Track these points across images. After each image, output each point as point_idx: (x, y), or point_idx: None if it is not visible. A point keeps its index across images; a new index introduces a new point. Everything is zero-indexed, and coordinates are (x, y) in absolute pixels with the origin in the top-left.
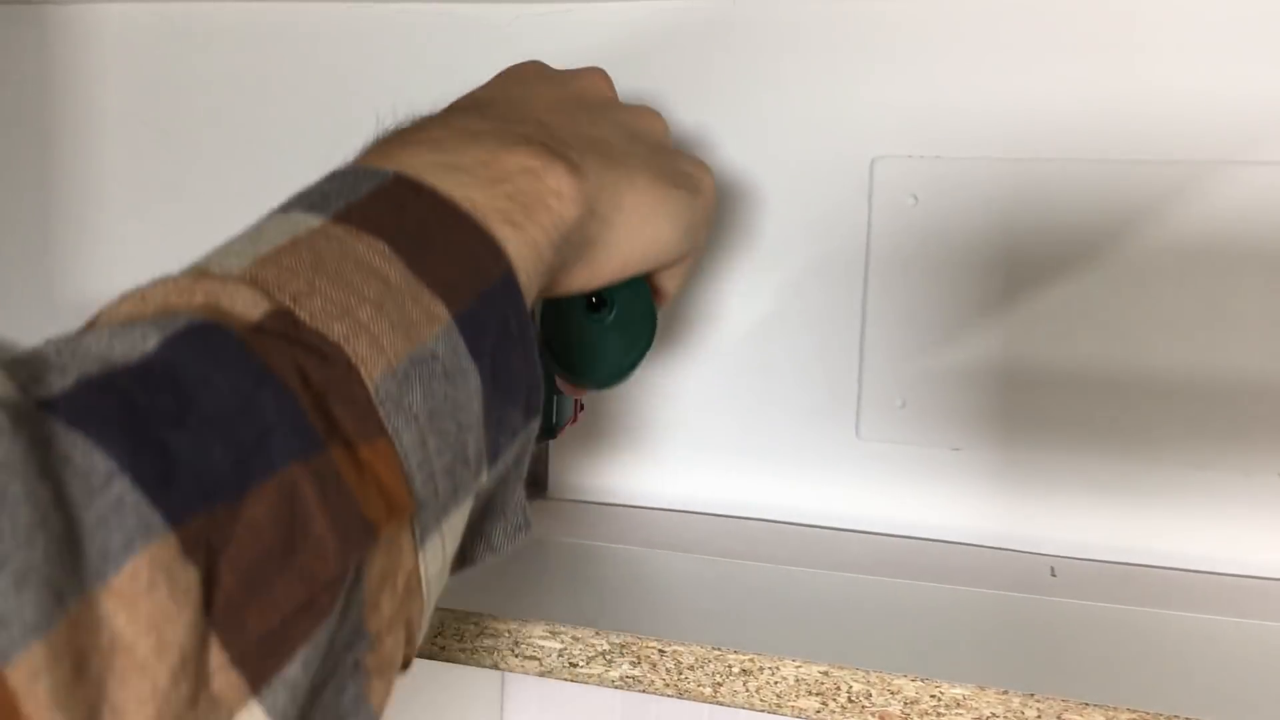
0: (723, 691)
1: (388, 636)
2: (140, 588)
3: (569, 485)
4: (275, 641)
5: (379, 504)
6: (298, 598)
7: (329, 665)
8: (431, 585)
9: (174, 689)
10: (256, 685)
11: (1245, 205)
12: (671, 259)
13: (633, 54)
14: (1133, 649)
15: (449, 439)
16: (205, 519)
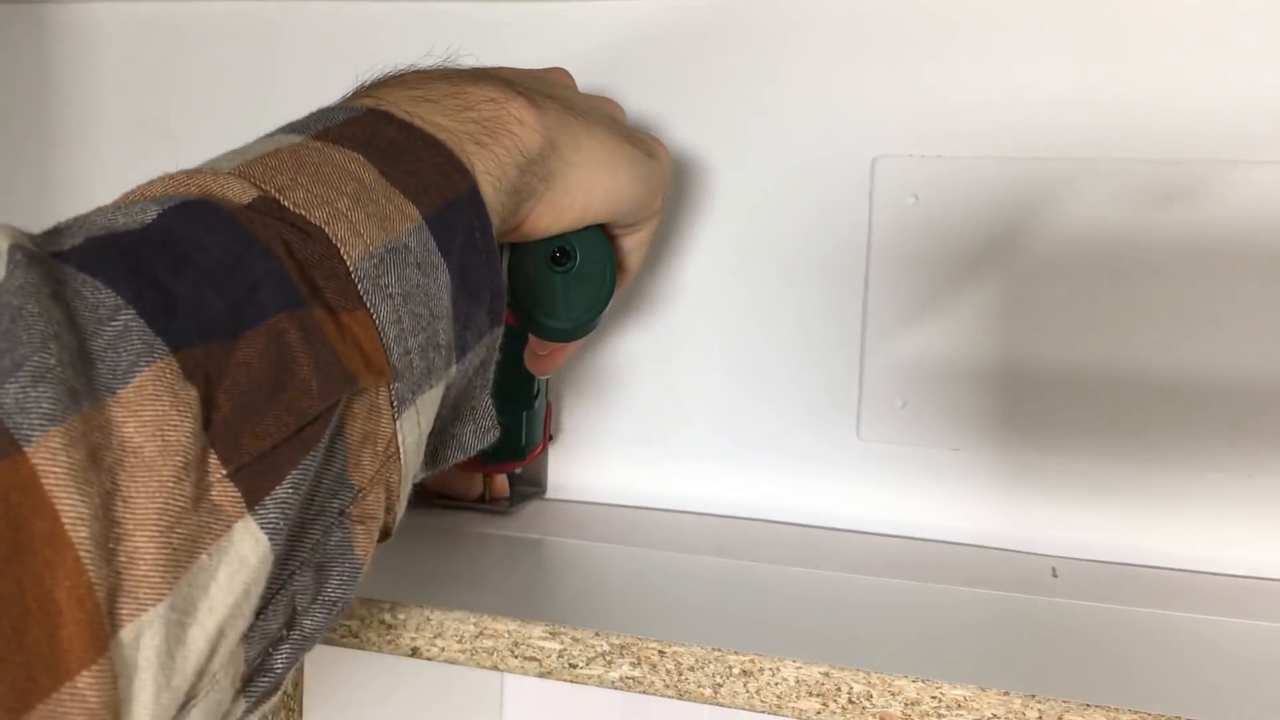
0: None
1: (370, 494)
2: (146, 399)
3: (569, 485)
4: (268, 464)
5: (358, 360)
6: (286, 428)
7: (317, 504)
8: (409, 456)
9: (178, 486)
10: (252, 501)
11: (1245, 205)
12: (631, 211)
13: (632, 54)
14: (1134, 650)
15: (422, 321)
16: (202, 351)
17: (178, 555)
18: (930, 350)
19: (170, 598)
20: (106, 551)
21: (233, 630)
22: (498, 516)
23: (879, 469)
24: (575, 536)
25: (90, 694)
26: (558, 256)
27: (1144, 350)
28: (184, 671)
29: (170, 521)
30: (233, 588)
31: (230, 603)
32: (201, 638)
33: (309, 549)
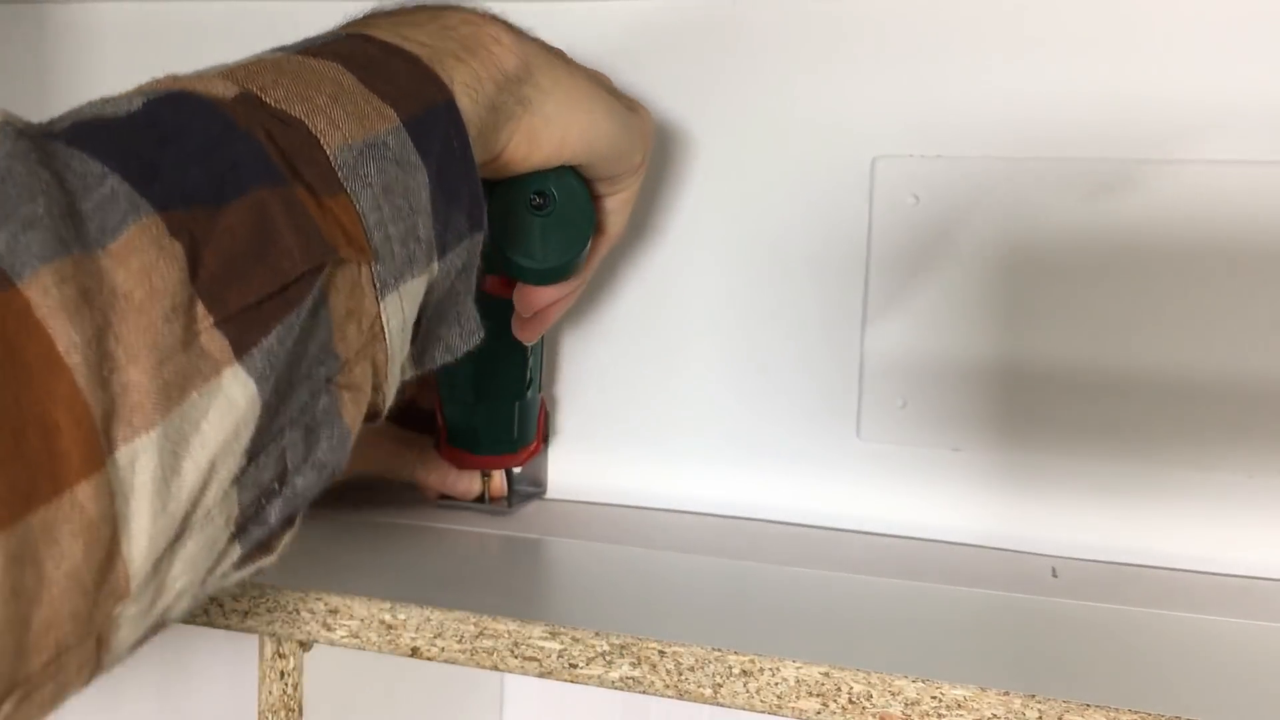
0: (723, 692)
1: (356, 366)
2: (133, 251)
3: (569, 485)
4: (253, 317)
5: (338, 234)
6: (270, 286)
7: (304, 368)
8: (394, 339)
9: (167, 326)
10: (240, 350)
11: (1245, 205)
12: (609, 156)
13: (632, 53)
14: (1134, 650)
15: (402, 213)
16: (186, 214)
17: (169, 389)
18: (930, 350)
19: (162, 426)
20: (100, 378)
21: (224, 467)
22: (498, 516)
23: (879, 469)
24: (575, 536)
25: (89, 504)
26: (536, 200)
27: (1144, 350)
28: (178, 499)
29: (160, 357)
30: (223, 426)
31: (220, 439)
32: (194, 470)
33: (298, 409)
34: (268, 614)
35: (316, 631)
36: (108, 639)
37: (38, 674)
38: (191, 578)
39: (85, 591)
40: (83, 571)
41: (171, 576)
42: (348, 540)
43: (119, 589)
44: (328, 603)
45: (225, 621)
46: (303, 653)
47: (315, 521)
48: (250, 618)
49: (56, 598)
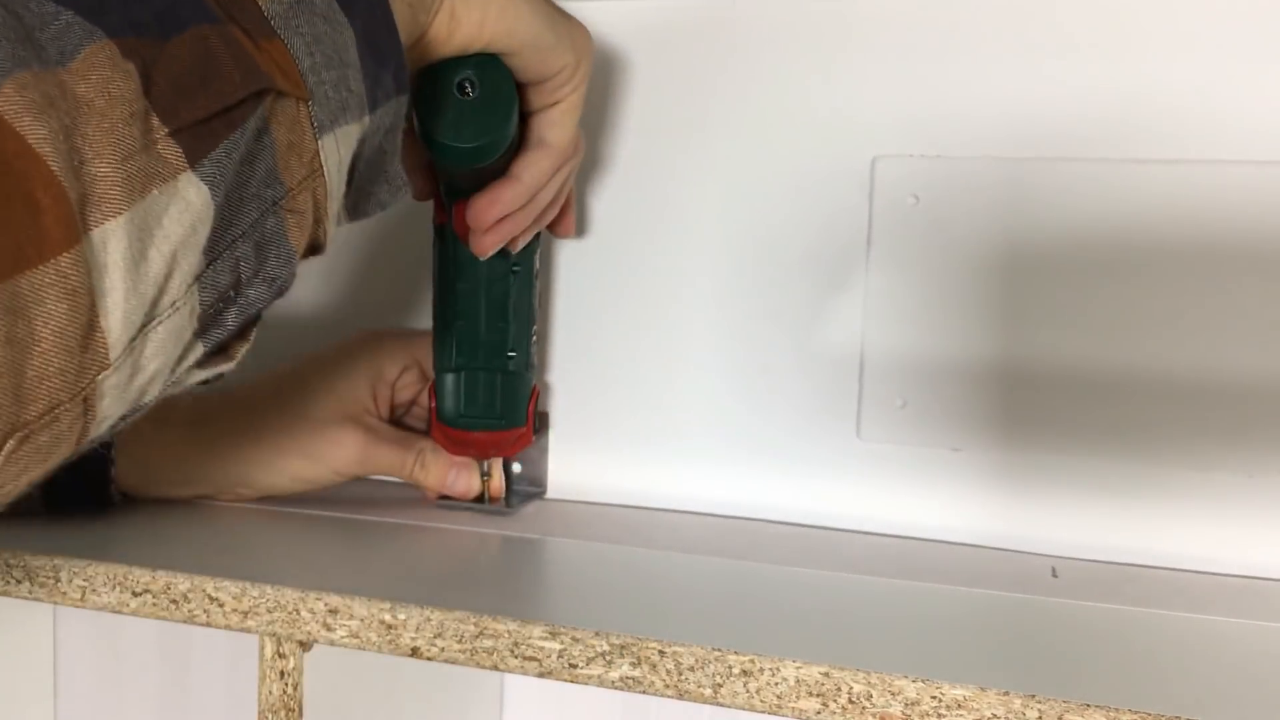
0: (723, 692)
1: (299, 195)
2: (92, 67)
3: (569, 485)
4: (203, 131)
5: (274, 69)
6: (215, 105)
7: (253, 188)
8: (332, 177)
9: (127, 128)
10: (193, 159)
11: (1245, 205)
12: (533, 46)
13: (633, 54)
14: (1134, 649)
15: (333, 62)
16: (136, 42)
17: (133, 183)
18: (930, 350)
19: (129, 214)
20: (72, 168)
21: (185, 261)
22: (498, 516)
23: (879, 469)
24: (575, 536)
25: (71, 273)
26: (462, 85)
27: (1144, 350)
28: (146, 282)
29: (123, 154)
30: (182, 221)
31: (180, 234)
32: (159, 258)
33: (248, 224)
34: (268, 614)
35: (316, 631)
36: (94, 404)
37: (34, 422)
38: (163, 362)
39: (70, 351)
40: (68, 332)
41: (145, 357)
42: (348, 540)
43: (100, 356)
44: (328, 602)
45: (225, 621)
46: (303, 652)
47: (315, 521)
48: (250, 617)
49: (47, 352)
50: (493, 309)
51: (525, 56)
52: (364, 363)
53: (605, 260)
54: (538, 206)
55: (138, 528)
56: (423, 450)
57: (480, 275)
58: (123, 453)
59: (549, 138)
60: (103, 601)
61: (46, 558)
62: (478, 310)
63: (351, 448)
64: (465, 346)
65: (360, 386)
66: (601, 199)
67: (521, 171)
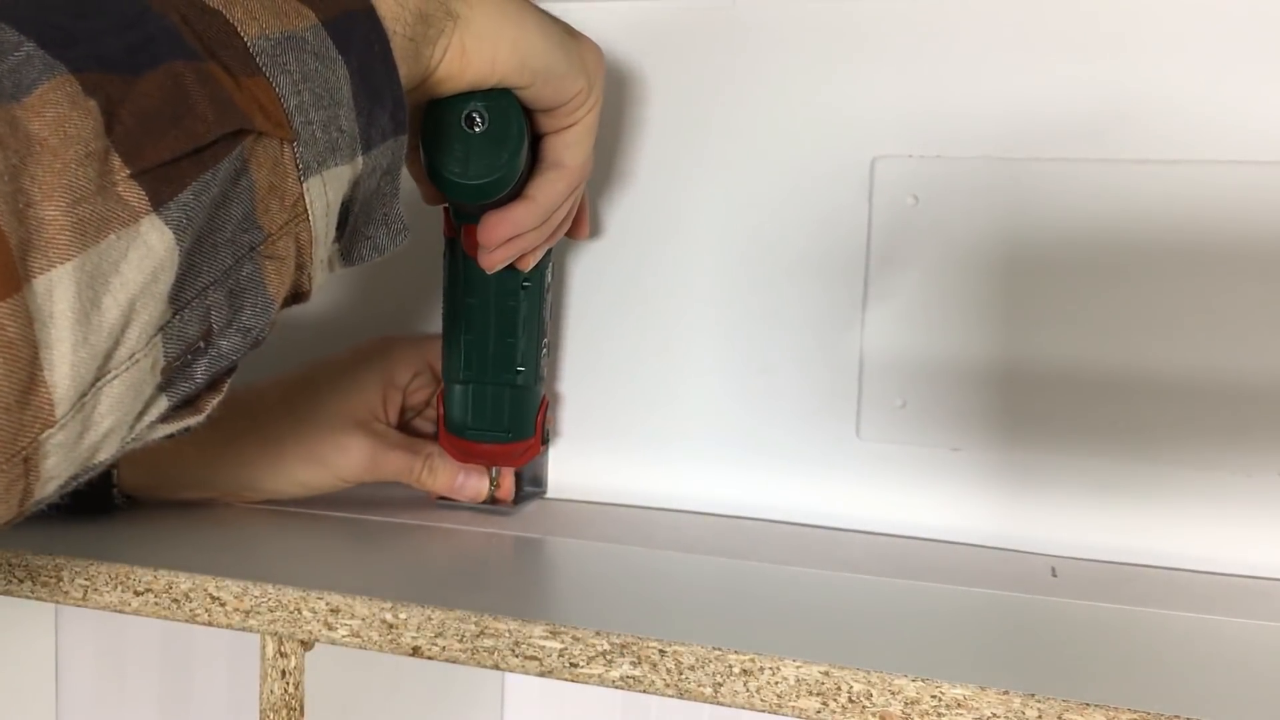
0: (723, 692)
1: (279, 240)
2: (48, 103)
3: (569, 485)
4: (170, 172)
5: (255, 109)
6: (185, 145)
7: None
8: (317, 222)
9: (81, 169)
10: (157, 202)
11: (1245, 205)
12: (546, 77)
13: (633, 54)
14: (1134, 649)
15: (322, 101)
16: (101, 77)
17: (85, 228)
18: (930, 350)
19: (80, 260)
20: (16, 210)
21: (145, 311)
22: (499, 516)
23: (879, 469)
24: (576, 536)
25: (7, 325)
26: (470, 118)
27: (1144, 350)
28: (99, 333)
29: (75, 197)
30: (142, 268)
31: (140, 280)
32: (114, 307)
33: (221, 270)
34: (269, 613)
35: (318, 630)
36: (36, 464)
37: None
38: (119, 418)
39: (7, 409)
40: (4, 390)
41: (99, 413)
42: (349, 540)
43: (43, 414)
44: (329, 602)
45: (227, 620)
46: (304, 652)
47: (317, 521)
48: (252, 617)
49: None
50: (502, 324)
51: (539, 88)
52: (376, 366)
53: (605, 260)
54: (550, 226)
55: (139, 527)
56: (430, 455)
57: (490, 290)
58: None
59: (565, 159)
60: (105, 601)
61: (48, 557)
62: (487, 324)
63: (358, 454)
64: (473, 360)
65: (371, 390)
66: (601, 199)
67: (537, 193)
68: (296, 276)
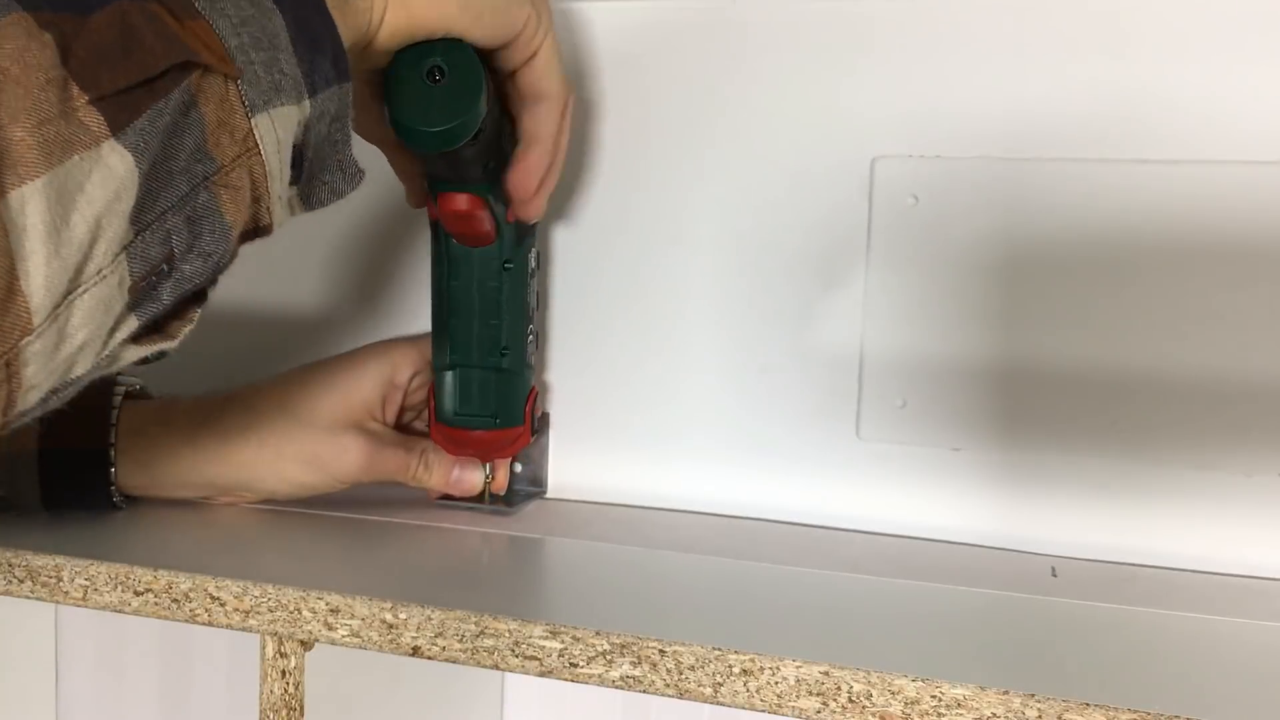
0: (723, 692)
1: (233, 171)
2: (6, 37)
3: (569, 485)
4: (125, 100)
5: (199, 44)
6: (137, 75)
7: (181, 162)
8: (270, 158)
9: (43, 94)
10: (115, 127)
11: (1245, 205)
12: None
13: (633, 54)
14: (1133, 649)
15: (261, 44)
16: (54, 16)
17: (50, 147)
18: (930, 350)
19: (48, 178)
20: None
21: (109, 227)
22: (498, 516)
23: (879, 469)
24: (576, 536)
25: None
26: (431, 73)
27: (1144, 350)
28: (70, 247)
29: (40, 119)
30: (106, 187)
31: (103, 199)
32: (82, 223)
33: (178, 197)
34: (269, 613)
35: (318, 630)
36: (17, 370)
37: None
38: (91, 332)
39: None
40: None
41: (73, 325)
42: (348, 540)
43: (22, 320)
44: (329, 602)
45: (227, 620)
46: (304, 652)
47: (317, 521)
48: (252, 617)
49: None
50: (486, 306)
51: (485, 23)
52: (376, 367)
53: (605, 260)
54: (562, 156)
55: (139, 527)
56: (425, 450)
57: (473, 272)
58: (124, 455)
59: (544, 88)
60: (105, 601)
61: (48, 557)
62: (471, 307)
63: (356, 454)
64: (460, 343)
65: (370, 389)
66: (601, 199)
67: (536, 130)
68: (254, 209)
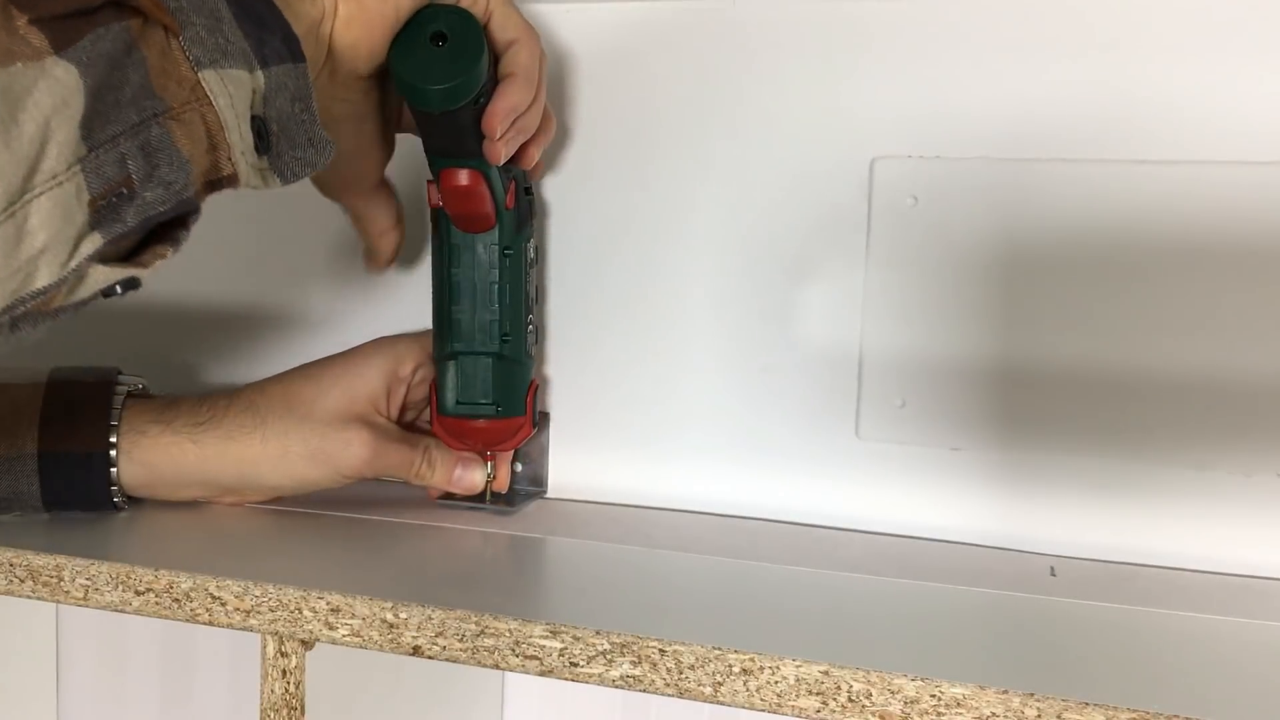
0: (723, 691)
1: (185, 114)
2: None
3: (569, 485)
4: (64, 25)
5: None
6: (74, 5)
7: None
8: (225, 113)
9: None
10: (58, 46)
11: (1245, 205)
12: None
13: (633, 54)
14: (1133, 649)
15: (202, 11)
16: None
17: None
18: (930, 350)
19: None
20: None
21: (59, 132)
22: (498, 516)
23: (878, 468)
24: (576, 535)
25: None
26: (435, 37)
27: (1143, 350)
28: (20, 140)
29: None
30: (52, 93)
31: (50, 103)
32: (30, 122)
33: (129, 125)
34: (270, 613)
35: (318, 630)
36: None
37: None
38: (50, 236)
39: None
40: None
41: (31, 225)
42: (349, 539)
43: None
44: (330, 601)
45: (228, 620)
46: (305, 651)
47: (317, 521)
48: (252, 616)
49: None
50: (486, 291)
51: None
52: (379, 361)
53: (605, 260)
54: (540, 103)
55: (140, 527)
56: (429, 447)
57: (474, 258)
58: (125, 454)
59: (510, 35)
60: (106, 600)
61: (50, 557)
62: (473, 293)
63: (360, 448)
64: (461, 331)
65: (374, 383)
66: (602, 198)
67: (510, 66)
68: (212, 156)
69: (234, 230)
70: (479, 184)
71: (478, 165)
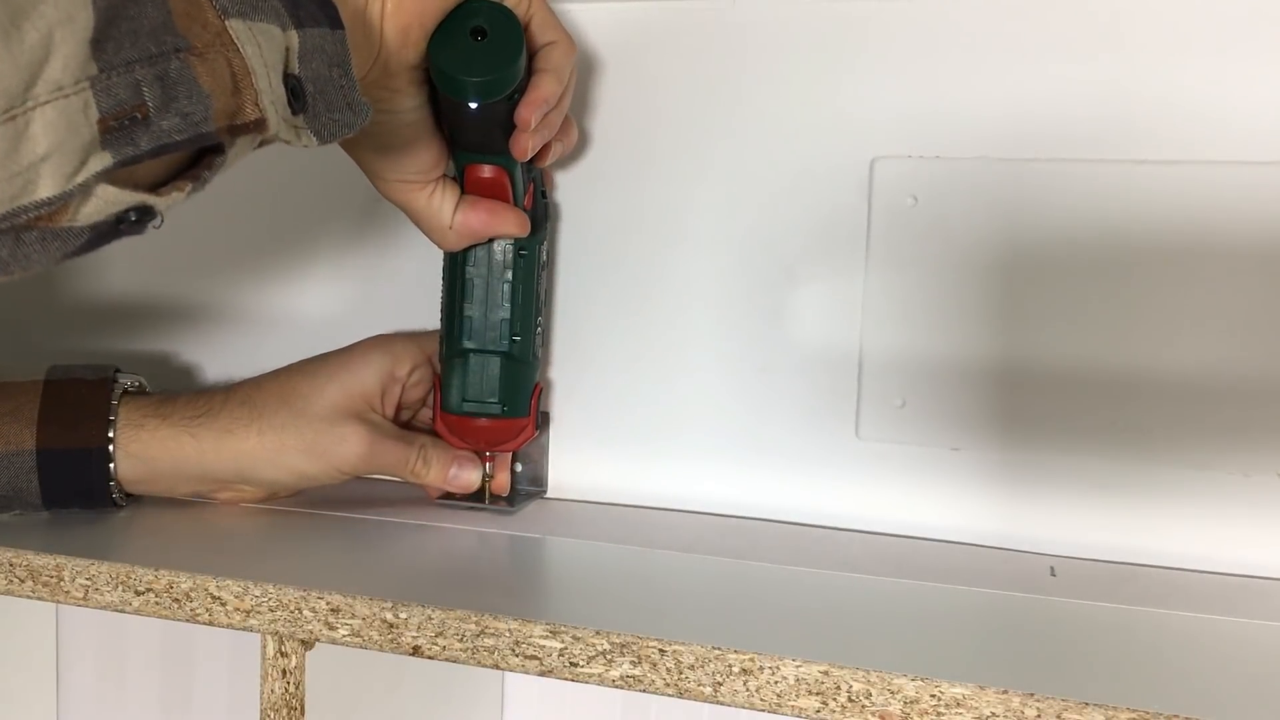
0: (723, 691)
1: (208, 55)
2: None
3: (569, 485)
4: None
5: None
6: None
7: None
8: (253, 61)
9: None
10: None
11: (1245, 205)
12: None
13: (633, 54)
14: (1133, 649)
15: None
16: None
17: None
18: (930, 350)
19: None
20: None
21: (64, 44)
22: (498, 515)
23: (878, 468)
24: (576, 535)
25: None
26: (475, 32)
27: (1143, 350)
28: (20, 46)
29: None
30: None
31: (55, 16)
32: (34, 31)
33: (146, 55)
34: (270, 613)
35: (318, 630)
36: None
37: None
38: (53, 144)
39: None
40: None
41: (33, 131)
42: (349, 539)
43: None
44: (330, 601)
45: (228, 620)
46: (305, 651)
47: (317, 521)
48: (253, 616)
49: None
50: (498, 292)
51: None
52: (376, 359)
53: (605, 260)
54: (566, 104)
55: (140, 527)
56: (425, 445)
57: (490, 257)
58: (123, 449)
59: (549, 34)
60: (106, 600)
61: (50, 556)
62: (486, 293)
63: (356, 443)
64: (472, 330)
65: (370, 380)
66: (601, 198)
67: (546, 63)
68: (236, 99)
69: (234, 230)
70: (503, 179)
71: (503, 162)
